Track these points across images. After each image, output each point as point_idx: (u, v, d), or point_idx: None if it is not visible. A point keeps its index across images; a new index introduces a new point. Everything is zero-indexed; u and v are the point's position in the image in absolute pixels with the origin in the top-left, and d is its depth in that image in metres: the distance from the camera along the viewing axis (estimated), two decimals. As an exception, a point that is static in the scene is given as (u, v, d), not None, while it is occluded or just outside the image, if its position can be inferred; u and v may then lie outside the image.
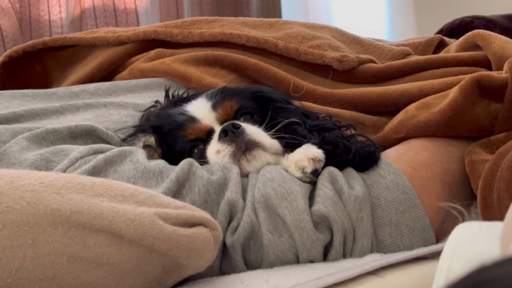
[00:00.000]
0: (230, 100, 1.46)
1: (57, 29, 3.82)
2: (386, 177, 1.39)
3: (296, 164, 1.33)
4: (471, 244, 0.84)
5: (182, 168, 1.29)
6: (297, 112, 1.48)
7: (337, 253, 1.28)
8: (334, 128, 1.45)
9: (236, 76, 1.76)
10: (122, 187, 1.06)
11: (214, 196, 1.28)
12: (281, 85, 1.71)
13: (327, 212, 1.27)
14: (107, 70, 1.86)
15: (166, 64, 1.76)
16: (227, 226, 1.27)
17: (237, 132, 1.36)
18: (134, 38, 1.88)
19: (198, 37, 1.84)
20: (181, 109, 1.47)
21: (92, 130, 1.42)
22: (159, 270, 1.06)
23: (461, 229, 0.86)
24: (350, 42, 1.92)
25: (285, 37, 1.80)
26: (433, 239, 1.37)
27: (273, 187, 1.28)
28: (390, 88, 1.70)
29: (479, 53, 1.75)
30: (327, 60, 1.75)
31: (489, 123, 1.52)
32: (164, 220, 1.03)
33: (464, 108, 1.50)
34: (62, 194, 0.97)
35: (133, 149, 1.34)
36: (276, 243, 1.25)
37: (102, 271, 1.00)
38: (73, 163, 1.29)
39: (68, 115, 1.51)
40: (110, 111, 1.55)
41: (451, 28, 2.49)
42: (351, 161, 1.39)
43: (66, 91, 1.64)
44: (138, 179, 1.28)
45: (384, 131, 1.59)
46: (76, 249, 0.96)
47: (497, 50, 1.65)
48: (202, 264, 1.10)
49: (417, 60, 1.81)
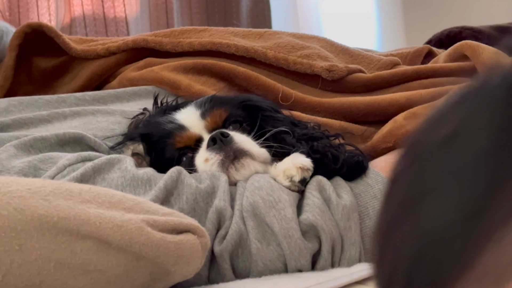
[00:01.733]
0: (219, 109, 1.46)
1: (46, 37, 3.82)
2: (374, 187, 1.39)
3: (284, 173, 1.33)
4: None
5: (170, 176, 1.29)
6: (286, 121, 1.48)
7: (325, 262, 1.28)
8: (323, 137, 1.45)
9: (225, 85, 1.76)
10: (109, 194, 1.06)
11: (203, 204, 1.28)
12: (270, 93, 1.71)
13: (315, 221, 1.27)
14: (98, 80, 1.85)
15: (155, 72, 1.76)
16: (215, 234, 1.26)
17: (226, 141, 1.36)
18: (123, 47, 1.88)
19: (187, 46, 1.84)
20: (170, 117, 1.47)
21: (80, 137, 1.42)
22: (147, 277, 1.06)
23: None
24: (339, 52, 1.93)
25: (274, 47, 1.80)
26: (420, 248, 1.37)
27: (261, 196, 1.28)
28: (378, 97, 1.71)
29: (467, 63, 1.75)
30: (316, 70, 1.76)
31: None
32: (152, 226, 1.03)
33: (452, 118, 1.50)
34: (50, 200, 0.97)
35: (122, 157, 1.34)
36: (265, 251, 1.25)
37: (89, 277, 0.99)
38: (61, 170, 1.29)
39: (56, 123, 1.51)
40: (98, 119, 1.55)
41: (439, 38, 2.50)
42: (339, 170, 1.40)
43: (53, 97, 1.64)
44: (126, 187, 1.28)
45: (373, 141, 1.60)
46: (63, 255, 0.96)
47: (485, 61, 1.66)
48: (190, 271, 1.10)
49: (405, 70, 1.82)
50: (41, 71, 1.92)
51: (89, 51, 1.89)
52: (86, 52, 1.89)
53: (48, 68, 1.92)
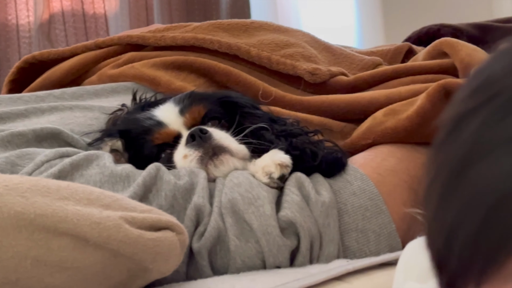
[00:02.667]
0: (197, 105, 1.46)
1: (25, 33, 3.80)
2: (353, 183, 1.40)
3: (263, 169, 1.33)
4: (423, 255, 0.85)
5: (149, 172, 1.29)
6: (265, 117, 1.48)
7: (303, 258, 1.28)
8: (302, 134, 1.45)
9: (205, 81, 1.75)
10: (87, 191, 1.05)
11: (181, 201, 1.28)
12: (250, 90, 1.71)
13: (294, 218, 1.27)
14: (75, 75, 1.85)
15: (135, 69, 1.75)
16: (194, 231, 1.26)
17: (205, 137, 1.35)
18: (108, 42, 1.88)
19: (170, 41, 1.83)
20: (148, 113, 1.46)
21: (57, 133, 1.41)
22: (125, 275, 1.06)
23: (412, 244, 0.88)
24: (322, 50, 1.93)
25: (258, 44, 1.80)
26: (399, 245, 1.37)
27: (240, 193, 1.28)
28: (359, 96, 1.71)
29: (446, 60, 1.76)
30: (299, 72, 1.75)
31: (455, 130, 1.52)
32: (130, 223, 1.02)
33: (431, 114, 1.51)
34: (27, 197, 0.96)
35: (100, 153, 1.34)
36: (243, 248, 1.25)
37: (66, 275, 0.99)
38: (39, 166, 1.28)
39: (33, 118, 1.50)
40: (76, 114, 1.54)
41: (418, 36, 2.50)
42: (318, 166, 1.40)
43: (32, 96, 1.63)
44: (104, 184, 1.27)
45: (352, 137, 1.60)
46: (40, 253, 0.95)
47: (464, 58, 1.67)
48: (168, 268, 1.10)
49: (385, 70, 1.82)
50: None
51: (78, 47, 1.90)
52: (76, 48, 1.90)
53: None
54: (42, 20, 3.81)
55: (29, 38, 3.82)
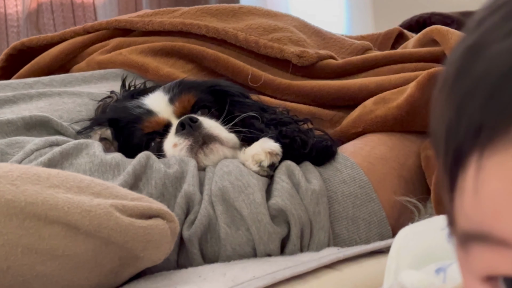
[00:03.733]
0: (187, 94, 1.46)
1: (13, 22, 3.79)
2: (343, 171, 1.40)
3: (253, 158, 1.33)
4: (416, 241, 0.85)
5: (139, 161, 1.28)
6: (255, 106, 1.48)
7: (294, 246, 1.28)
8: (291, 122, 1.45)
9: (194, 66, 1.75)
10: (78, 179, 1.05)
11: (171, 189, 1.27)
12: (239, 75, 1.70)
13: (284, 206, 1.27)
14: (64, 60, 1.84)
15: (123, 55, 1.75)
16: (184, 219, 1.26)
17: (195, 126, 1.35)
18: (97, 26, 1.88)
19: (158, 26, 1.82)
20: (138, 102, 1.46)
21: (46, 121, 1.40)
22: (116, 263, 1.06)
23: (404, 231, 0.88)
24: (311, 34, 1.92)
25: (246, 29, 1.79)
26: (389, 233, 1.37)
27: (230, 181, 1.28)
28: (349, 82, 1.71)
29: (436, 48, 1.76)
30: (286, 55, 1.75)
31: (445, 118, 1.53)
32: (121, 211, 1.02)
33: (421, 103, 1.51)
34: (17, 185, 0.96)
35: (90, 142, 1.33)
36: (233, 236, 1.25)
37: (57, 263, 0.99)
38: (29, 155, 1.28)
39: (21, 104, 1.49)
40: (64, 100, 1.53)
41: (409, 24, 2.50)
42: (308, 155, 1.40)
43: (20, 83, 1.62)
44: (94, 172, 1.27)
45: (342, 126, 1.60)
46: (31, 241, 0.95)
47: (454, 45, 1.67)
48: (159, 256, 1.10)
49: (375, 56, 1.82)
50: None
51: (67, 32, 1.90)
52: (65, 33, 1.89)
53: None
54: (30, 9, 3.79)
55: (18, 27, 3.80)
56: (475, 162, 0.40)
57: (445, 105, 0.43)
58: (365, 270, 1.18)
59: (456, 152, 0.42)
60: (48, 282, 1.00)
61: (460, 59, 0.43)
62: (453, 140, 0.42)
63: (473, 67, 0.41)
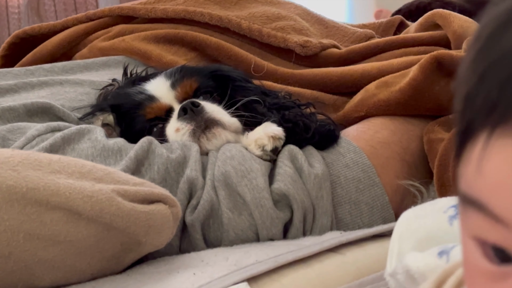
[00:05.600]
0: (189, 79, 1.45)
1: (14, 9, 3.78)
2: (346, 156, 1.39)
3: (256, 142, 1.33)
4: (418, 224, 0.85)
5: (141, 146, 1.28)
6: (257, 90, 1.47)
7: (297, 231, 1.28)
8: (294, 106, 1.45)
9: (197, 54, 1.74)
10: (79, 164, 1.05)
11: (174, 174, 1.27)
12: (242, 64, 1.70)
13: (287, 190, 1.27)
14: (66, 47, 1.83)
15: (125, 42, 1.74)
16: (187, 204, 1.26)
17: (197, 110, 1.35)
18: (100, 13, 1.87)
19: (161, 13, 1.82)
20: (139, 88, 1.45)
21: (48, 107, 1.40)
22: (118, 248, 1.05)
23: (407, 215, 0.88)
24: (314, 23, 1.92)
25: (249, 17, 1.79)
26: (392, 216, 1.37)
27: (233, 165, 1.27)
28: (351, 68, 1.70)
29: (438, 32, 1.75)
30: (290, 44, 1.74)
31: (448, 101, 1.52)
32: (123, 196, 1.02)
33: (424, 86, 1.50)
34: (18, 171, 0.96)
35: (92, 127, 1.33)
36: (236, 221, 1.25)
37: (59, 248, 0.99)
38: (30, 141, 1.28)
39: (23, 93, 1.49)
40: (66, 89, 1.53)
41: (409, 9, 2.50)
42: (311, 139, 1.39)
43: (21, 70, 1.62)
44: (96, 157, 1.27)
45: (344, 110, 1.59)
46: (32, 227, 0.95)
47: (456, 29, 1.66)
48: (161, 241, 1.10)
49: (377, 43, 1.81)
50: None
51: (69, 20, 1.89)
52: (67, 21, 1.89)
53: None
54: (32, -3, 3.78)
55: (19, 14, 3.79)
56: (484, 138, 0.42)
57: (470, 67, 0.44)
58: (368, 254, 1.18)
59: (469, 123, 0.44)
60: (50, 267, 1.00)
61: (493, 23, 0.43)
62: (469, 110, 0.43)
63: (503, 37, 0.42)
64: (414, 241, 0.84)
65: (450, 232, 0.83)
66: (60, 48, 1.83)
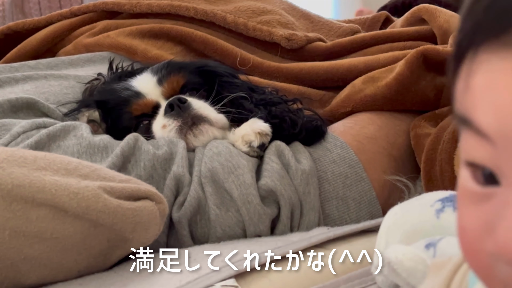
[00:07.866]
0: (176, 75, 1.45)
1: (-3, 5, 3.76)
2: (333, 151, 1.39)
3: (243, 138, 1.32)
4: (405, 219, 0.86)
5: (127, 142, 1.27)
6: (244, 86, 1.47)
7: (284, 227, 1.28)
8: (281, 102, 1.45)
9: (182, 49, 1.74)
10: (65, 161, 1.04)
11: (160, 171, 1.27)
12: (227, 57, 1.69)
13: (274, 186, 1.26)
14: (51, 43, 1.82)
15: (110, 38, 1.73)
16: (174, 201, 1.25)
17: (183, 107, 1.34)
18: (84, 9, 1.87)
19: (145, 8, 1.81)
20: (126, 84, 1.45)
21: (33, 103, 1.39)
22: (104, 245, 1.05)
23: (394, 210, 0.89)
24: (300, 17, 1.92)
25: (234, 11, 1.78)
26: (379, 212, 1.37)
27: (219, 162, 1.27)
28: (338, 62, 1.70)
29: (425, 27, 1.76)
30: (275, 38, 1.74)
31: (434, 96, 1.53)
32: (109, 193, 1.01)
33: (410, 81, 1.51)
34: (3, 168, 0.95)
35: (77, 124, 1.32)
36: (223, 217, 1.25)
37: (45, 245, 0.98)
38: (15, 138, 1.27)
39: (7, 87, 1.48)
40: (51, 82, 1.52)
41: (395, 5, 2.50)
42: (298, 135, 1.39)
43: (6, 67, 1.61)
44: (82, 154, 1.26)
45: (331, 105, 1.59)
46: (18, 224, 0.95)
47: (442, 24, 1.66)
48: (148, 238, 1.09)
49: (363, 37, 1.81)
50: None
51: (53, 15, 1.88)
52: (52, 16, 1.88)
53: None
54: (16, -7, 3.77)
55: (3, 11, 3.78)
56: (469, 57, 0.47)
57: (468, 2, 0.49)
58: (355, 249, 1.17)
59: (459, 44, 0.49)
60: (37, 265, 1.00)
61: None
62: (459, 33, 0.49)
63: None
64: (401, 235, 0.84)
65: (437, 225, 0.84)
66: (45, 44, 1.82)
